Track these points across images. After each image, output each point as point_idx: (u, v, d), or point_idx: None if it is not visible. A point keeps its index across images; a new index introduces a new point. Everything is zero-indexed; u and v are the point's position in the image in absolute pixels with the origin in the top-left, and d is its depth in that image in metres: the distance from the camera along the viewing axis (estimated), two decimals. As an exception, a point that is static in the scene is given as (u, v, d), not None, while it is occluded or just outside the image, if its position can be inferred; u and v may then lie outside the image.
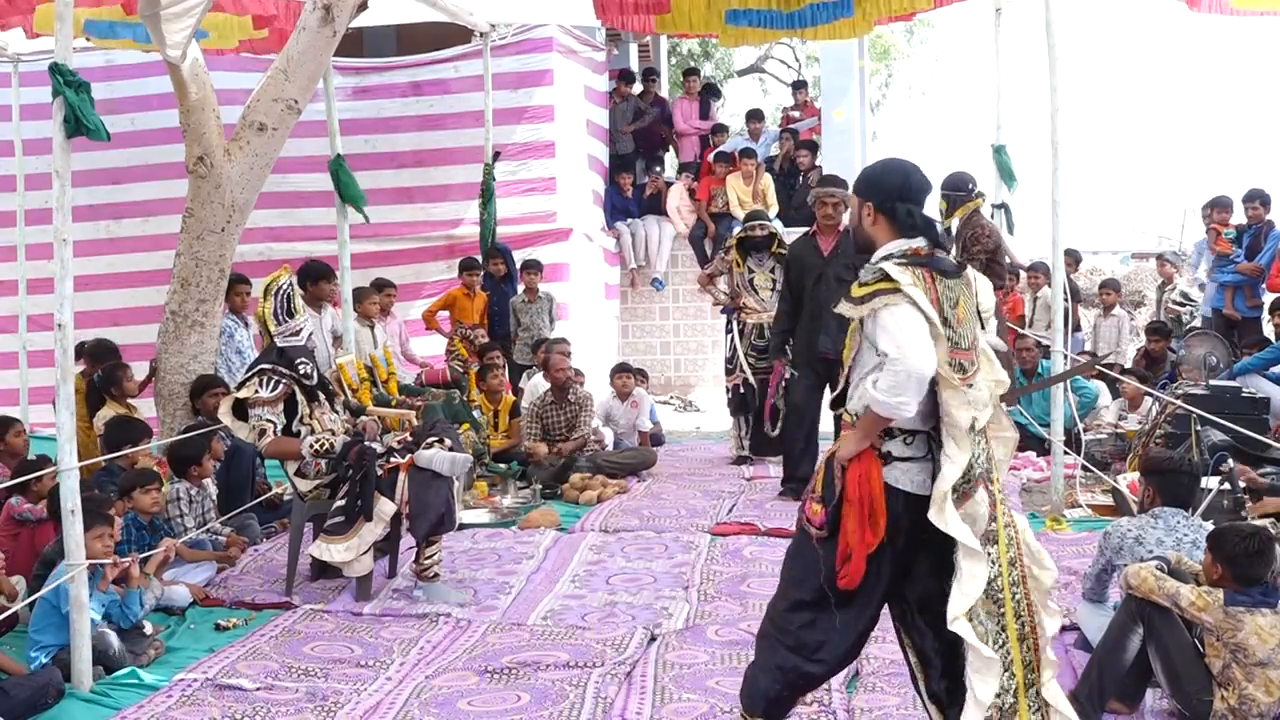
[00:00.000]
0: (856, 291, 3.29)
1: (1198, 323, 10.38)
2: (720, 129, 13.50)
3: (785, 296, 7.74)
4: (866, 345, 3.34)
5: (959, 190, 7.62)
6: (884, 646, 4.75)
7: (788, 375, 7.74)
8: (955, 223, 7.65)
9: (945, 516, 3.20)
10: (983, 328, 3.44)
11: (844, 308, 3.34)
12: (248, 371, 5.91)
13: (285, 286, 5.88)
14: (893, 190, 3.40)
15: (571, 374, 8.56)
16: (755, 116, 13.65)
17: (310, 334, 5.95)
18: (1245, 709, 3.79)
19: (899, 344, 3.17)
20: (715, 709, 4.23)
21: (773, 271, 8.60)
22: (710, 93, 14.59)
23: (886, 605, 3.51)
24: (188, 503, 6.30)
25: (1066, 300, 7.19)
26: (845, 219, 9.30)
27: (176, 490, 6.30)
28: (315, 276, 6.91)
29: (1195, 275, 11.33)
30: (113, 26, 8.24)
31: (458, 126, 11.17)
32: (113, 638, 4.84)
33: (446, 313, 10.32)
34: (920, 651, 3.47)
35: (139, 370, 7.83)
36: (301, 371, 5.80)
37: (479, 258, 10.42)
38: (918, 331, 3.19)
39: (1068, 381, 7.31)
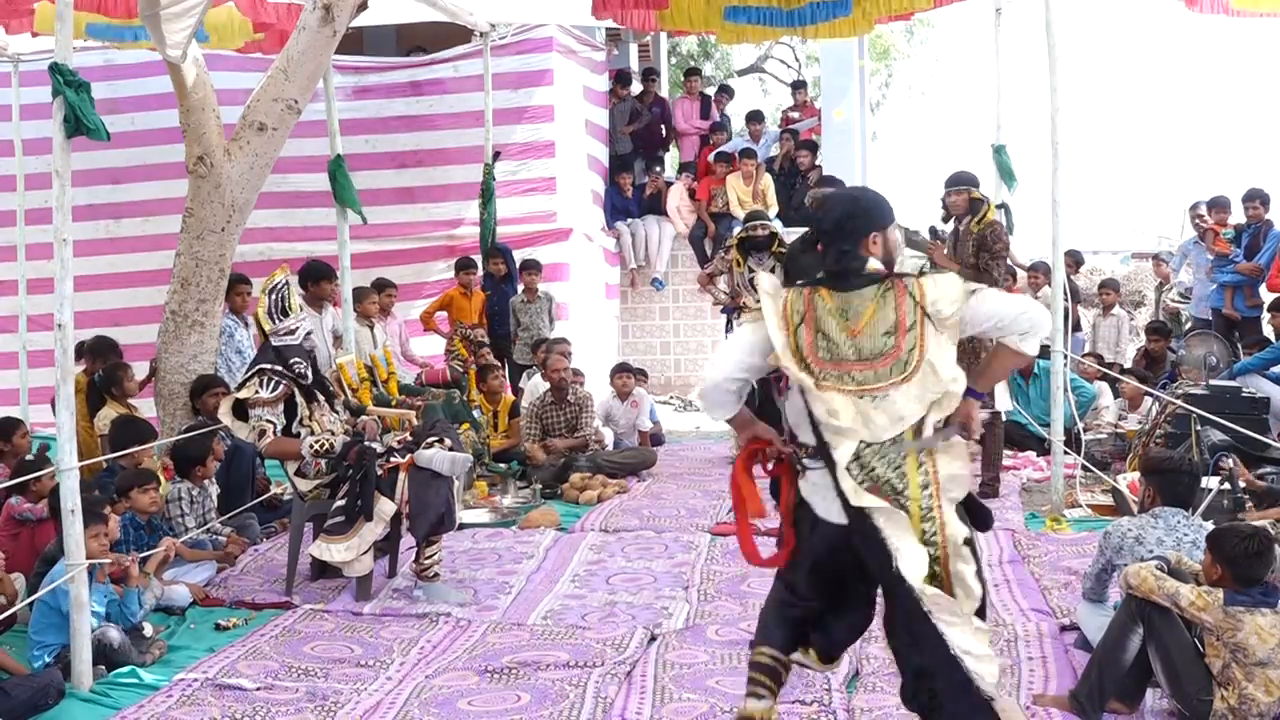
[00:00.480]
0: None
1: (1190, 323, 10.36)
2: (719, 127, 13.51)
3: None
4: None
5: (977, 185, 7.43)
6: (884, 646, 4.75)
7: None
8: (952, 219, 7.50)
9: (849, 489, 3.28)
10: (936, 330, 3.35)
11: None
12: (247, 371, 5.91)
13: (281, 285, 5.88)
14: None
15: (568, 374, 8.56)
16: (755, 118, 13.65)
17: (308, 333, 5.95)
18: (1245, 709, 3.79)
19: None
20: (715, 709, 4.23)
21: (773, 271, 8.60)
22: (723, 91, 14.60)
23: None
24: (189, 503, 6.30)
25: (1066, 300, 7.20)
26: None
27: (178, 490, 6.30)
28: (316, 276, 6.91)
29: (1177, 279, 11.29)
30: (109, 28, 8.25)
31: (458, 126, 11.16)
32: (115, 632, 4.84)
33: (444, 313, 10.32)
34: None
35: (140, 370, 7.82)
36: (296, 371, 5.80)
37: (475, 258, 10.42)
38: (731, 346, 3.56)
39: (1066, 382, 7.30)
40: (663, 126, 13.43)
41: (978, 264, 7.04)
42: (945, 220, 7.64)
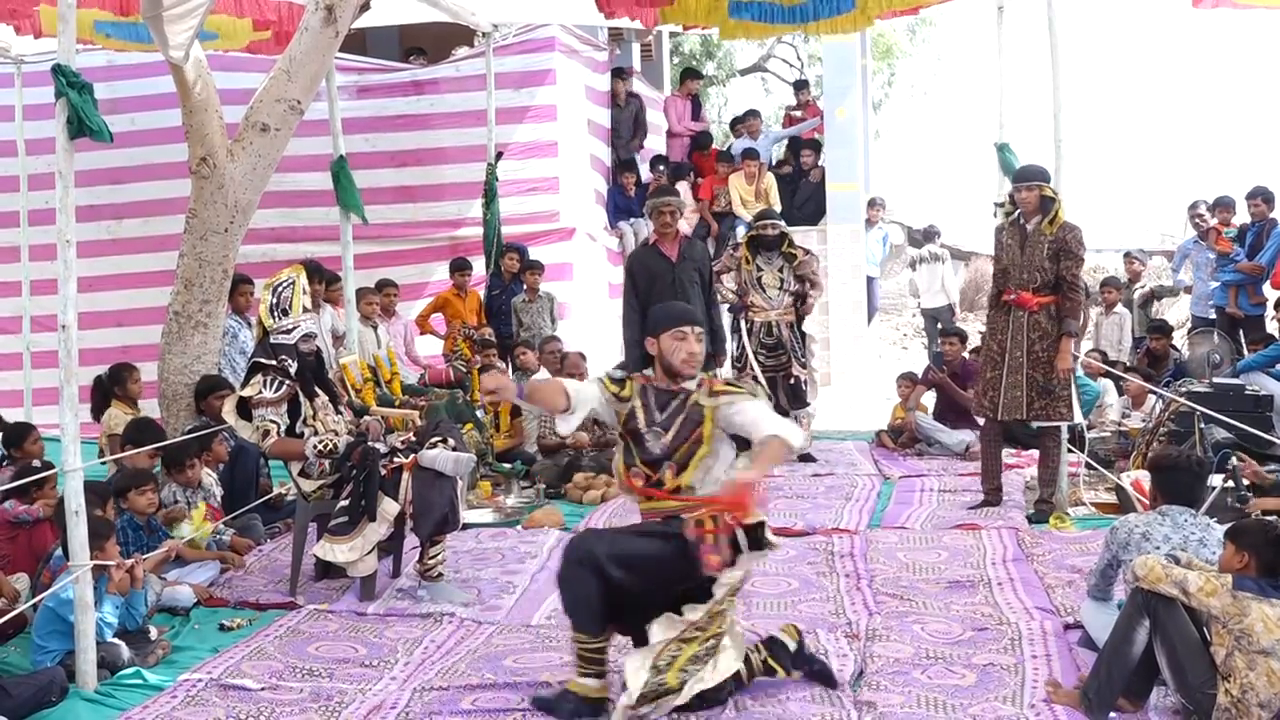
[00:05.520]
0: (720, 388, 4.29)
1: (1170, 318, 10.40)
2: (707, 136, 13.53)
3: (634, 307, 7.68)
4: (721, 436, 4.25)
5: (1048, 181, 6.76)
6: (888, 645, 4.76)
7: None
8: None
9: None
10: None
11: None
12: (248, 368, 5.91)
13: (284, 284, 5.89)
14: None
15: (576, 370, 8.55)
16: (741, 120, 13.65)
17: (304, 335, 5.91)
18: (1247, 699, 3.79)
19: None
20: (715, 709, 4.23)
21: (781, 270, 8.62)
22: (690, 74, 14.48)
23: None
24: (186, 505, 6.29)
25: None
26: (682, 225, 9.55)
27: (173, 493, 6.29)
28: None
29: (1177, 278, 11.29)
30: (116, 26, 8.25)
31: (460, 126, 11.16)
32: (124, 649, 4.83)
33: (440, 315, 10.32)
34: None
35: (146, 371, 7.80)
36: (281, 366, 5.79)
37: (469, 258, 10.42)
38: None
39: (1074, 380, 7.28)
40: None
41: (1057, 269, 6.58)
42: (1009, 218, 6.89)
